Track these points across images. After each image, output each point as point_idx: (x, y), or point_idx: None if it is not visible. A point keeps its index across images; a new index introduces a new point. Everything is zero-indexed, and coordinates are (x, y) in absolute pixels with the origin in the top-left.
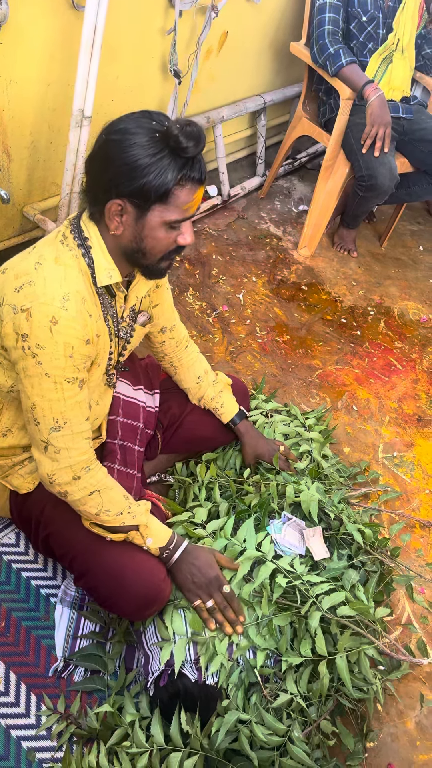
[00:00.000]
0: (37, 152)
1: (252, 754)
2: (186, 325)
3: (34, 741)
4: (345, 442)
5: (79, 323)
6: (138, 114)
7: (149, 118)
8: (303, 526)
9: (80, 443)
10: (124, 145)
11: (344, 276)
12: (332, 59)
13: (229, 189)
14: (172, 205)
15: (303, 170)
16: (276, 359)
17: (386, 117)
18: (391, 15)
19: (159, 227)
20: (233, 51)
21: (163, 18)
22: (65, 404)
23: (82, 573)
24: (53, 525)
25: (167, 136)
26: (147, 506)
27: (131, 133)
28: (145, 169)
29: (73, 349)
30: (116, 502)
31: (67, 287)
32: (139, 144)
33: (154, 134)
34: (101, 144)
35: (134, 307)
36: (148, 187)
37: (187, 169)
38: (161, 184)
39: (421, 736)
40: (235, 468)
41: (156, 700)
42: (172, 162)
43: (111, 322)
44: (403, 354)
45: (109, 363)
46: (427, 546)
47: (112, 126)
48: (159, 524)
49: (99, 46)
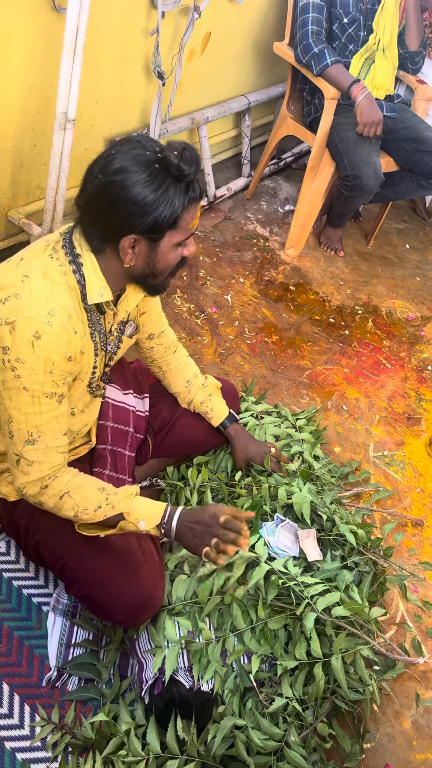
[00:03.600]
0: (20, 156)
1: (249, 759)
2: (174, 328)
3: (29, 752)
4: (336, 442)
5: (62, 339)
6: (128, 146)
7: (142, 148)
8: (296, 527)
9: (53, 457)
10: (127, 185)
11: (331, 275)
12: (317, 59)
13: (215, 190)
14: (181, 228)
15: (288, 170)
16: (265, 360)
17: (377, 114)
18: (370, 17)
19: (170, 250)
20: (217, 52)
21: (146, 19)
22: (41, 418)
23: (73, 580)
24: (42, 532)
25: (166, 165)
26: (129, 492)
27: (130, 171)
28: (154, 204)
29: (53, 365)
30: (91, 498)
31: (54, 303)
32: (142, 181)
33: (153, 166)
34: (100, 186)
35: (122, 320)
36: (160, 219)
37: (191, 192)
38: (171, 213)
39: (417, 735)
40: (226, 471)
41: (151, 707)
42: (176, 190)
43: (98, 337)
44: (391, 352)
45: (92, 376)
46: (420, 544)
47: (107, 166)
48: (147, 503)
49: (81, 48)
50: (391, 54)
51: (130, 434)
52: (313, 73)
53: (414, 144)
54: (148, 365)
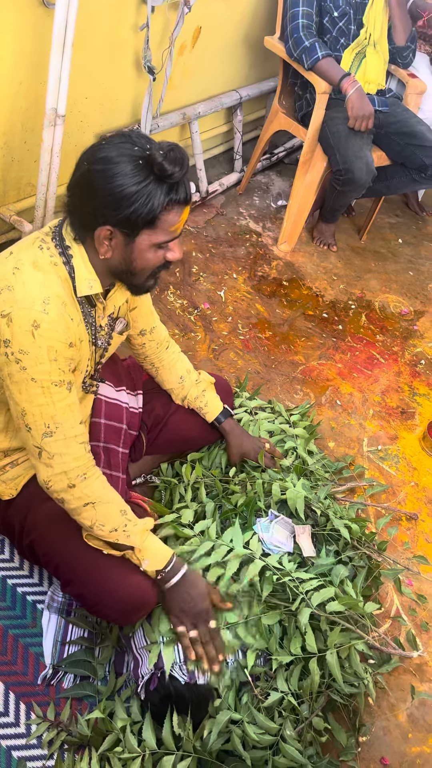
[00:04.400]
0: (10, 152)
1: (245, 754)
2: (167, 324)
3: (25, 750)
4: (330, 437)
5: (60, 326)
6: (118, 139)
7: (131, 143)
8: (290, 523)
9: (74, 448)
10: (108, 175)
11: (325, 270)
12: (308, 53)
13: (207, 186)
14: (160, 228)
15: (281, 165)
16: (259, 356)
17: (368, 108)
18: (360, 11)
19: (148, 249)
20: (207, 46)
21: (136, 14)
22: (55, 408)
23: (68, 580)
24: (36, 531)
25: (151, 163)
26: (146, 525)
27: (114, 162)
28: (132, 197)
29: (56, 352)
30: (111, 518)
31: (47, 291)
32: (123, 173)
33: (137, 161)
34: (84, 173)
35: (112, 315)
36: (136, 215)
37: (173, 194)
38: (148, 211)
39: (412, 728)
40: (220, 467)
41: (147, 703)
42: (157, 188)
43: (90, 330)
44: (385, 347)
45: (85, 372)
46: (414, 538)
47: (93, 154)
48: (157, 545)
49: (70, 43)
50: (382, 48)
51: (123, 431)
52: (304, 66)
53: (406, 138)
54: (141, 362)
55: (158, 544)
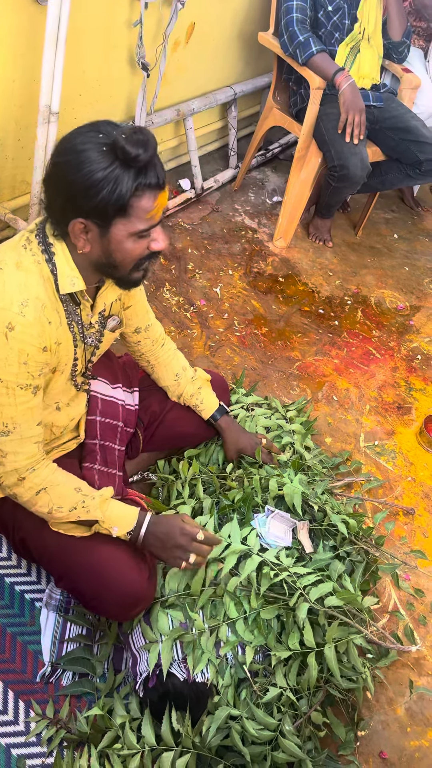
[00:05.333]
0: (5, 150)
1: (244, 749)
2: (163, 321)
3: (24, 748)
4: (326, 432)
5: (36, 330)
6: (85, 128)
7: (96, 130)
8: (288, 517)
9: (28, 447)
10: (73, 164)
11: (320, 266)
12: (302, 47)
13: (202, 182)
14: (134, 216)
15: (276, 161)
16: (255, 352)
17: (360, 103)
18: (354, 5)
19: (126, 239)
20: (201, 42)
21: (129, 10)
22: (16, 410)
23: (61, 574)
24: (26, 527)
25: (114, 148)
26: (104, 496)
27: (78, 150)
28: (98, 185)
29: (28, 356)
30: (67, 498)
31: (27, 293)
32: (88, 161)
33: (101, 148)
34: (51, 167)
35: (103, 313)
36: (105, 203)
37: (141, 177)
38: (117, 198)
39: (411, 722)
40: (218, 463)
41: (146, 700)
42: (124, 173)
43: (76, 328)
44: (381, 342)
45: (74, 369)
46: (411, 533)
47: (60, 146)
48: (120, 509)
49: (63, 40)
50: (376, 43)
51: (119, 428)
52: (299, 61)
53: (400, 133)
54: (137, 359)
55: (120, 508)
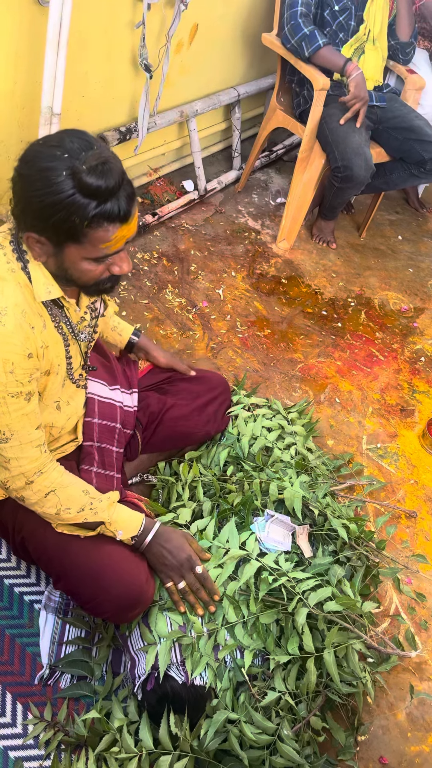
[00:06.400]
0: (7, 151)
1: (242, 753)
2: (165, 323)
3: (22, 750)
4: (328, 434)
5: (18, 338)
6: (54, 141)
7: (62, 148)
8: (288, 522)
9: (29, 452)
10: (32, 181)
11: (324, 268)
12: (308, 40)
13: (205, 183)
14: (89, 244)
15: (280, 162)
16: (257, 354)
17: (365, 95)
18: (361, 7)
19: (80, 261)
20: (205, 43)
21: (131, 11)
22: (10, 417)
23: (59, 575)
24: (26, 527)
25: (74, 175)
26: (111, 499)
27: (40, 168)
28: (51, 209)
29: (13, 364)
30: (75, 499)
31: (5, 301)
32: (47, 182)
33: (63, 172)
34: (15, 172)
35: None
36: (56, 228)
37: (100, 209)
38: (70, 226)
39: (411, 727)
40: (219, 466)
41: (144, 703)
42: (81, 202)
43: (66, 329)
44: (384, 344)
45: (70, 367)
46: (413, 536)
47: (25, 155)
48: (127, 513)
49: (65, 41)
50: (381, 45)
51: (117, 430)
52: (304, 54)
53: (404, 133)
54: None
55: (127, 513)
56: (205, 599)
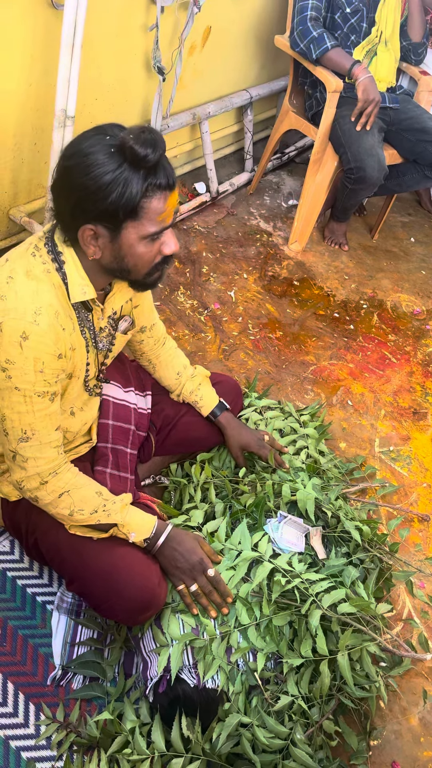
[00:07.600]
0: (21, 154)
1: (254, 757)
2: (177, 325)
3: (34, 751)
4: (341, 437)
5: (50, 338)
6: (91, 132)
7: (103, 133)
8: (301, 522)
9: (48, 453)
10: (81, 168)
11: (336, 270)
12: (316, 42)
13: (217, 185)
14: (145, 218)
15: (292, 164)
16: (269, 356)
17: (376, 95)
18: (373, 8)
19: (137, 243)
20: (217, 46)
21: (145, 14)
22: (34, 416)
23: (72, 577)
24: (40, 528)
25: (122, 149)
26: (124, 501)
27: (85, 154)
28: (107, 188)
29: (43, 364)
30: (89, 501)
31: (39, 301)
32: (96, 163)
33: (109, 150)
34: (60, 171)
35: (113, 316)
36: (115, 205)
37: (151, 178)
38: (127, 200)
39: (425, 732)
40: (230, 467)
41: (156, 705)
42: (133, 174)
43: (88, 334)
44: (397, 347)
45: (87, 374)
46: (426, 540)
47: (67, 150)
48: (140, 516)
49: (79, 44)
50: (393, 46)
51: (131, 432)
52: (312, 56)
53: (417, 134)
54: (138, 358)
55: (140, 515)
56: (218, 602)
